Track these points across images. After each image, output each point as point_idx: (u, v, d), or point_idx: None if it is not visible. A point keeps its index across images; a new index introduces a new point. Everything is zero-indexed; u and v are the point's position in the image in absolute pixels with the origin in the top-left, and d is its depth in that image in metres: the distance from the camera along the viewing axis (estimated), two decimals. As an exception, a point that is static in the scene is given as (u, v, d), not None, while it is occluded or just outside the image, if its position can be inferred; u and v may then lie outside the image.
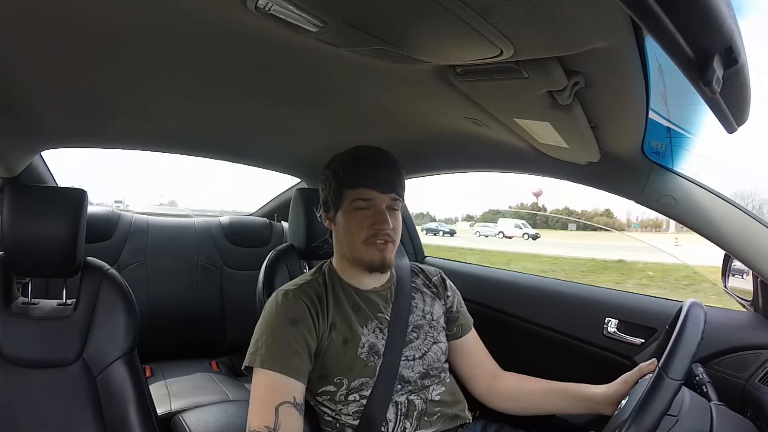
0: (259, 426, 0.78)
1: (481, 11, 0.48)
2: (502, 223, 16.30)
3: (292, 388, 0.81)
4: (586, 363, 1.23)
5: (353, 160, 0.93)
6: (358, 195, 0.89)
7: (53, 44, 0.76)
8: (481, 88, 0.76)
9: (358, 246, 0.90)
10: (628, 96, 0.69)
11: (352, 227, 0.90)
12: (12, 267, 1.00)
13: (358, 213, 0.90)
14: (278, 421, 0.77)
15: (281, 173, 1.97)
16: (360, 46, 0.65)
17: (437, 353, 0.97)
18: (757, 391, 0.90)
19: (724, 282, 1.15)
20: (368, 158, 0.93)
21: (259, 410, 0.79)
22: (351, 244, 0.91)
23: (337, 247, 0.97)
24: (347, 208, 0.90)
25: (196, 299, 1.86)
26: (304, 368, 0.84)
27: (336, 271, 0.97)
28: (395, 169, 0.92)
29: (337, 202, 0.92)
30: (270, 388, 0.81)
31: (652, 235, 13.39)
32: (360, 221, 0.89)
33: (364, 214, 0.89)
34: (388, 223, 0.89)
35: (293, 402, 0.80)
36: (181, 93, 1.04)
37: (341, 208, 0.91)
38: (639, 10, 0.34)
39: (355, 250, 0.91)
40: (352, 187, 0.90)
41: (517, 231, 15.53)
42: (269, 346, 0.83)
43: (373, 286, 0.97)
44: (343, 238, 0.92)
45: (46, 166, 1.60)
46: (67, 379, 0.96)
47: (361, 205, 0.89)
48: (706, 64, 0.38)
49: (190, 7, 0.63)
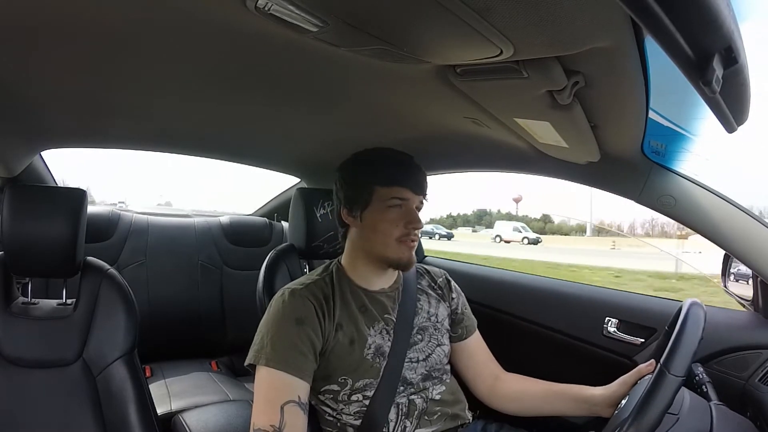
0: (264, 425, 0.77)
1: (481, 11, 0.48)
2: (499, 226, 15.95)
3: (297, 387, 0.81)
4: (586, 363, 1.23)
5: (386, 160, 0.93)
6: (393, 193, 0.90)
7: (53, 44, 0.76)
8: (481, 87, 0.76)
9: (390, 243, 0.90)
10: (628, 96, 0.69)
11: (385, 224, 0.90)
12: (12, 267, 1.00)
13: (393, 211, 0.90)
14: (283, 420, 0.77)
15: (281, 173, 1.97)
16: (360, 46, 0.65)
17: (440, 355, 0.97)
18: (757, 390, 0.90)
19: (724, 282, 1.15)
20: (400, 159, 0.94)
21: (264, 409, 0.79)
22: (382, 241, 0.91)
23: (357, 244, 0.96)
24: (379, 206, 0.90)
25: (196, 299, 1.86)
26: (309, 368, 0.84)
27: (345, 271, 0.97)
28: (424, 173, 0.95)
29: (367, 199, 0.91)
30: (275, 387, 0.81)
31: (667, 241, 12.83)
32: (395, 219, 0.90)
33: (398, 213, 0.90)
34: (422, 224, 0.91)
35: (298, 401, 0.80)
36: (182, 93, 1.04)
37: (371, 205, 0.91)
38: (639, 10, 0.34)
39: (386, 247, 0.91)
40: (387, 185, 0.90)
41: (515, 234, 15.03)
42: (275, 344, 0.83)
43: (382, 286, 0.97)
44: (373, 235, 0.92)
45: (46, 166, 1.60)
46: (67, 379, 0.96)
47: (396, 203, 0.90)
48: (706, 64, 0.38)
49: (189, 7, 0.63)
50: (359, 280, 0.96)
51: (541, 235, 16.42)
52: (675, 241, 11.47)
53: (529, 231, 15.85)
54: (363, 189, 0.92)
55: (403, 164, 0.93)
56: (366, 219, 0.92)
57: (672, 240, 14.16)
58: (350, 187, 0.94)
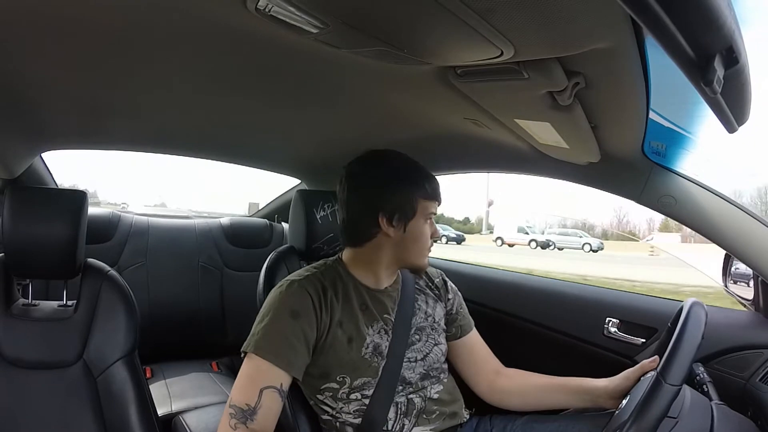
0: (240, 402, 0.80)
1: (481, 12, 0.48)
2: (500, 226, 13.59)
3: (280, 376, 0.82)
4: (587, 363, 1.23)
5: (419, 170, 0.96)
6: (432, 208, 0.95)
7: (53, 45, 0.76)
8: (482, 88, 0.76)
9: (425, 253, 0.96)
10: (629, 96, 0.69)
11: (424, 237, 0.95)
12: (12, 268, 1.00)
13: (429, 224, 0.95)
14: (260, 402, 0.79)
15: (281, 175, 1.97)
16: (360, 48, 0.65)
17: (438, 355, 0.98)
18: (757, 390, 0.90)
19: (725, 282, 1.15)
20: (429, 171, 0.97)
21: (244, 388, 0.81)
22: (420, 252, 0.95)
23: (389, 251, 0.94)
24: (422, 218, 0.94)
25: (197, 300, 1.85)
26: (299, 362, 0.85)
27: (348, 269, 0.96)
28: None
29: (413, 210, 0.93)
30: (260, 371, 0.82)
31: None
32: (429, 232, 0.96)
33: (430, 225, 0.96)
34: (439, 233, 0.99)
35: (279, 388, 0.82)
36: (182, 94, 1.04)
37: (416, 217, 0.93)
38: (639, 10, 0.34)
39: (421, 258, 0.96)
40: (430, 200, 0.94)
41: (521, 237, 12.75)
42: (266, 334, 0.84)
43: (385, 285, 0.98)
44: (413, 245, 0.94)
45: (46, 167, 1.60)
46: (67, 380, 0.96)
47: (431, 216, 0.96)
48: (707, 64, 0.38)
49: (190, 8, 0.63)
50: (364, 278, 0.96)
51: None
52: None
53: (537, 232, 13.27)
54: (408, 200, 0.92)
55: (434, 178, 0.98)
56: (410, 230, 0.93)
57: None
58: (394, 197, 0.92)
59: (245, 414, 0.79)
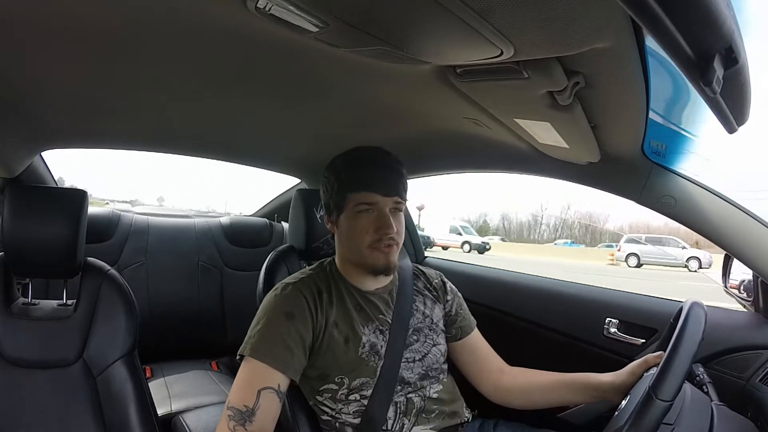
0: (238, 404, 0.79)
1: (481, 12, 0.48)
2: (432, 228, 12.27)
3: (277, 378, 0.82)
4: (587, 363, 1.22)
5: (355, 163, 0.92)
6: (361, 199, 0.88)
7: (53, 44, 0.76)
8: (482, 88, 0.76)
9: (362, 250, 0.89)
10: (628, 96, 0.69)
11: (356, 231, 0.89)
12: (12, 267, 1.00)
13: (362, 217, 0.89)
14: (258, 404, 0.79)
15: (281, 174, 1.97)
16: (360, 47, 0.65)
17: (436, 355, 0.98)
18: (757, 391, 0.90)
19: (725, 282, 1.15)
20: (371, 160, 0.92)
21: (242, 390, 0.81)
22: (355, 249, 0.90)
23: (339, 250, 0.97)
24: (350, 212, 0.90)
25: (197, 300, 1.86)
26: (295, 363, 0.85)
27: (339, 271, 0.97)
28: (398, 171, 0.91)
29: (340, 206, 0.91)
30: (257, 374, 0.82)
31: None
32: (365, 226, 0.88)
33: (368, 218, 0.89)
34: (393, 228, 0.88)
35: (276, 389, 0.81)
36: (182, 93, 1.04)
37: (344, 212, 0.91)
38: (639, 11, 0.34)
39: (359, 254, 0.90)
40: (356, 191, 0.89)
41: (453, 238, 11.86)
42: (262, 336, 0.84)
43: (376, 287, 0.97)
44: (347, 241, 0.92)
45: (46, 166, 1.59)
46: (67, 379, 0.96)
47: (365, 209, 0.89)
48: (707, 64, 0.38)
49: (190, 7, 0.63)
50: (353, 280, 0.96)
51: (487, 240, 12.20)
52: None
53: (474, 234, 12.22)
54: (336, 195, 0.91)
55: (372, 166, 0.91)
56: (341, 225, 0.92)
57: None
58: (326, 194, 0.94)
59: (244, 416, 0.79)
